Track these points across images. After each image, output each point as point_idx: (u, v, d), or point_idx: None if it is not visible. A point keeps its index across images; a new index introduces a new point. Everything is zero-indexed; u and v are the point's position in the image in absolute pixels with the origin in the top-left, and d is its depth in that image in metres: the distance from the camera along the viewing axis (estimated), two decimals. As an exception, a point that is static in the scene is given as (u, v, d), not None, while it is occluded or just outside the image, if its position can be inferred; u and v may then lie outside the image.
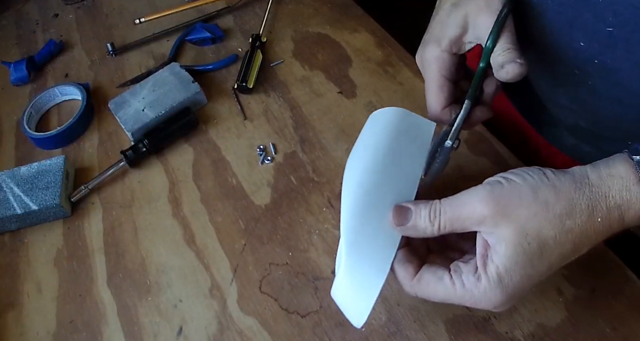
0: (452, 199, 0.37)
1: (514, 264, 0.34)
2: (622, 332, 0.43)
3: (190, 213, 0.59)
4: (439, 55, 0.45)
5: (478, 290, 0.35)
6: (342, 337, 0.47)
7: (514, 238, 0.34)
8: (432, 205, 0.37)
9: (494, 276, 0.34)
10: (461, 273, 0.36)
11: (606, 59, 0.41)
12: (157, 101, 0.67)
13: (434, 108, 0.45)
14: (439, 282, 0.36)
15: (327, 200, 0.56)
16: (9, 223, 0.60)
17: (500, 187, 0.35)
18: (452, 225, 0.36)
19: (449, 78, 0.45)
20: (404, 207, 0.38)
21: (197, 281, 0.53)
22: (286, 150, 0.62)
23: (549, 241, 0.34)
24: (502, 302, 0.35)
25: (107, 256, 0.57)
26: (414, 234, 0.38)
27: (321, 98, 0.66)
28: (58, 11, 0.93)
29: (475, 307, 0.36)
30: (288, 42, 0.75)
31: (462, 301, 0.36)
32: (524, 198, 0.34)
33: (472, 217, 0.35)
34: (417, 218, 0.37)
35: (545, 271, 0.34)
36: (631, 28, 0.38)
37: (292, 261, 0.52)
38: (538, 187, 0.34)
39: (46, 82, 0.80)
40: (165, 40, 0.81)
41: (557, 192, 0.34)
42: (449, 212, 0.36)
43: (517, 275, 0.34)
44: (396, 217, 0.38)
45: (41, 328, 0.53)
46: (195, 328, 0.50)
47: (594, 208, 0.33)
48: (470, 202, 0.35)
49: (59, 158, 0.63)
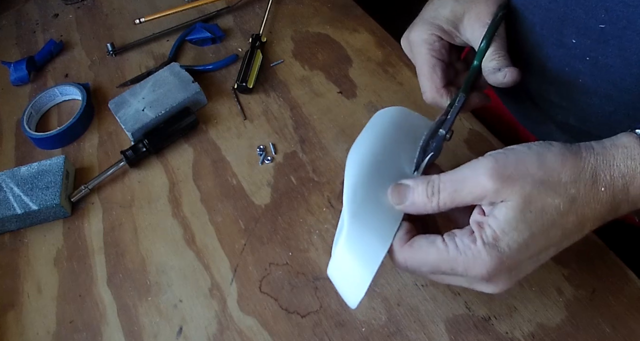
0: (452, 173, 0.35)
1: (513, 230, 0.32)
2: (622, 332, 0.43)
3: (190, 213, 0.59)
4: (428, 37, 0.44)
5: (472, 251, 0.33)
6: (342, 337, 0.47)
7: (517, 205, 0.32)
8: (430, 181, 0.35)
9: (489, 239, 0.33)
10: (454, 236, 0.34)
11: (598, 55, 0.41)
12: (157, 101, 0.67)
13: (429, 90, 0.44)
14: (430, 245, 0.35)
15: (327, 200, 0.56)
16: (9, 223, 0.60)
17: (504, 157, 0.34)
18: (452, 201, 0.35)
19: (440, 59, 0.44)
20: (401, 185, 0.37)
21: (197, 281, 0.53)
22: (286, 150, 0.62)
23: (552, 211, 0.32)
24: (496, 269, 0.33)
25: (107, 257, 0.57)
26: (414, 211, 0.37)
27: (321, 98, 0.66)
28: (58, 11, 0.93)
29: (468, 273, 0.34)
30: (288, 42, 0.75)
31: (453, 265, 0.34)
32: (530, 166, 0.33)
33: (474, 192, 0.34)
34: (415, 195, 0.36)
35: (544, 246, 0.33)
36: (623, 25, 0.38)
37: (292, 262, 0.52)
38: (544, 154, 0.33)
39: (46, 82, 0.80)
40: (165, 40, 0.81)
41: (563, 159, 0.33)
42: (449, 187, 0.35)
43: (515, 242, 0.33)
44: (394, 195, 0.37)
45: (41, 328, 0.53)
46: (195, 328, 0.50)
47: (597, 176, 0.33)
48: (472, 175, 0.34)
49: (59, 158, 0.63)
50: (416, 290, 0.48)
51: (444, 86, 0.44)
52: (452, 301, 0.47)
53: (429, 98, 0.44)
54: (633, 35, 0.38)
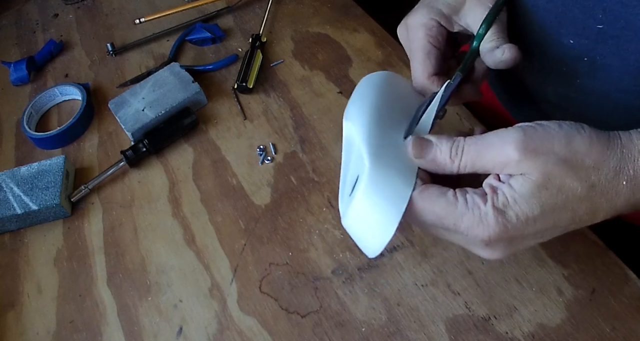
0: (477, 138, 0.34)
1: (524, 202, 0.32)
2: (622, 332, 0.43)
3: (190, 213, 0.59)
4: (427, 21, 0.43)
5: (479, 211, 0.32)
6: (342, 337, 0.47)
7: (536, 181, 0.32)
8: (455, 141, 0.35)
9: (499, 205, 0.32)
10: (466, 193, 0.34)
11: (595, 55, 0.41)
12: (157, 101, 0.67)
13: (420, 76, 0.43)
14: (440, 196, 0.34)
15: (327, 200, 0.56)
16: (9, 223, 0.60)
17: (533, 131, 0.33)
18: (473, 165, 0.34)
19: (436, 46, 0.43)
20: (424, 139, 0.36)
21: (197, 281, 0.53)
22: (286, 150, 0.62)
23: (569, 193, 0.32)
24: (498, 235, 0.32)
25: (107, 257, 0.57)
26: (432, 168, 0.36)
27: (321, 98, 0.66)
28: (58, 11, 0.93)
29: (469, 233, 0.33)
30: (288, 42, 0.75)
31: (458, 220, 0.33)
32: (556, 144, 0.32)
33: (496, 159, 0.33)
34: (437, 152, 0.35)
35: (551, 225, 0.33)
36: (621, 25, 0.38)
37: (292, 261, 0.52)
38: (573, 135, 0.33)
39: (46, 82, 0.80)
40: (165, 40, 0.81)
41: (591, 144, 0.32)
42: (473, 151, 0.34)
43: (524, 214, 0.32)
44: (416, 147, 0.36)
45: (41, 328, 0.53)
46: (195, 328, 0.50)
47: (621, 169, 0.32)
48: (498, 143, 0.33)
49: (59, 158, 0.63)
50: (416, 290, 0.48)
51: (435, 74, 0.43)
52: (452, 301, 0.47)
53: (419, 84, 0.44)
54: (631, 35, 0.38)
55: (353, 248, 0.52)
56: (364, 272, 0.50)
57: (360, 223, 0.37)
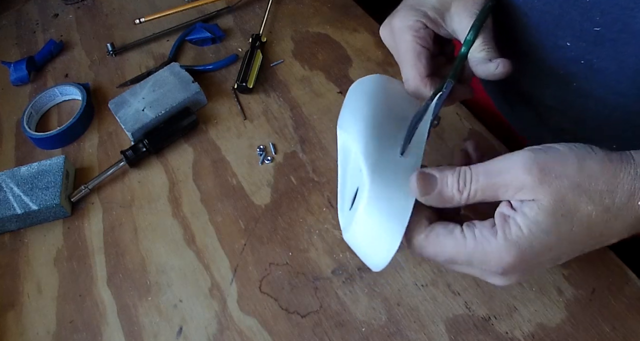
0: (485, 166, 0.33)
1: (540, 231, 0.31)
2: (622, 332, 0.43)
3: (190, 213, 0.59)
4: (413, 24, 0.43)
5: (490, 245, 0.32)
6: (342, 337, 0.47)
7: (550, 207, 0.31)
8: (461, 172, 0.34)
9: (513, 237, 0.31)
10: (474, 228, 0.33)
11: (593, 58, 0.41)
12: (157, 101, 0.67)
13: (412, 79, 0.42)
14: (448, 235, 0.33)
15: (327, 200, 0.56)
16: (9, 223, 0.60)
17: (543, 154, 0.32)
18: (483, 194, 0.33)
19: (425, 47, 0.43)
20: (428, 174, 0.34)
21: (197, 281, 0.53)
22: (286, 150, 0.62)
23: (584, 218, 0.31)
24: (513, 266, 0.32)
25: (107, 257, 0.57)
26: (439, 204, 0.35)
27: (321, 98, 0.66)
28: (58, 11, 0.93)
29: (483, 268, 0.33)
30: (288, 42, 0.75)
31: (470, 257, 0.32)
32: (569, 167, 0.31)
33: (509, 185, 0.32)
34: (443, 186, 0.34)
35: (568, 251, 0.32)
36: (618, 28, 0.38)
37: (292, 262, 0.52)
38: (584, 157, 0.32)
39: (46, 82, 0.80)
40: (165, 40, 0.81)
41: (602, 166, 0.31)
42: (482, 179, 0.33)
43: (539, 243, 0.31)
44: (420, 185, 0.34)
45: (41, 328, 0.53)
46: (195, 328, 0.50)
47: (635, 190, 0.31)
48: (509, 168, 0.32)
49: (59, 158, 0.63)
50: (416, 290, 0.48)
51: (428, 75, 0.42)
52: (452, 301, 0.47)
53: (412, 87, 0.43)
54: (628, 38, 0.38)
55: (353, 248, 0.52)
56: (364, 272, 0.50)
57: (363, 239, 0.36)
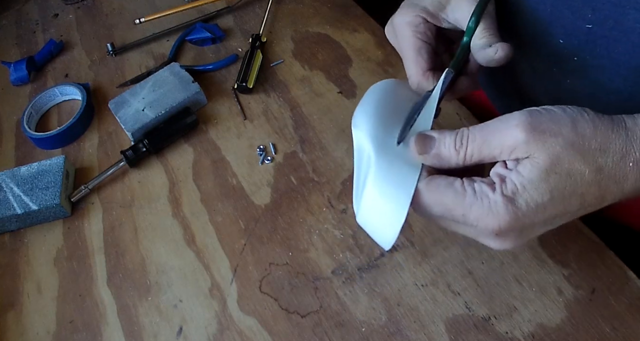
0: (482, 126, 0.34)
1: (534, 188, 0.32)
2: (622, 332, 0.43)
3: (190, 213, 0.59)
4: (412, 19, 0.43)
5: (488, 200, 0.32)
6: (342, 337, 0.47)
7: (544, 165, 0.32)
8: (458, 132, 0.34)
9: (509, 192, 0.32)
10: (474, 182, 0.33)
11: (586, 55, 0.41)
12: (157, 101, 0.67)
13: (415, 74, 0.43)
14: (448, 186, 0.34)
15: (327, 200, 0.56)
16: (9, 223, 0.60)
17: (538, 114, 0.33)
18: (480, 153, 0.34)
19: (426, 41, 0.43)
20: (426, 135, 0.36)
21: (197, 281, 0.53)
22: (286, 150, 0.62)
23: (577, 177, 0.32)
24: (509, 224, 0.32)
25: (107, 257, 0.57)
26: (437, 164, 0.36)
27: (321, 98, 0.66)
28: (58, 11, 0.93)
29: (479, 224, 0.33)
30: (288, 42, 0.75)
31: (467, 211, 0.33)
32: (563, 127, 0.32)
33: (504, 144, 0.33)
34: (441, 146, 0.35)
35: (561, 212, 0.32)
36: (610, 25, 0.38)
37: (292, 261, 0.52)
38: (577, 119, 0.32)
39: (46, 82, 0.80)
40: (165, 40, 0.81)
41: (595, 127, 0.32)
42: (478, 138, 0.34)
43: (533, 201, 0.32)
44: (419, 144, 0.35)
45: (41, 328, 0.53)
46: (195, 328, 0.50)
47: (627, 151, 0.32)
48: (504, 127, 0.33)
49: (59, 158, 0.63)
50: (416, 290, 0.48)
51: (430, 69, 0.43)
52: (452, 301, 0.47)
53: (415, 82, 0.43)
54: (620, 35, 0.38)
55: (353, 248, 0.52)
56: (364, 272, 0.50)
57: (371, 213, 0.37)
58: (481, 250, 0.49)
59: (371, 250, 0.51)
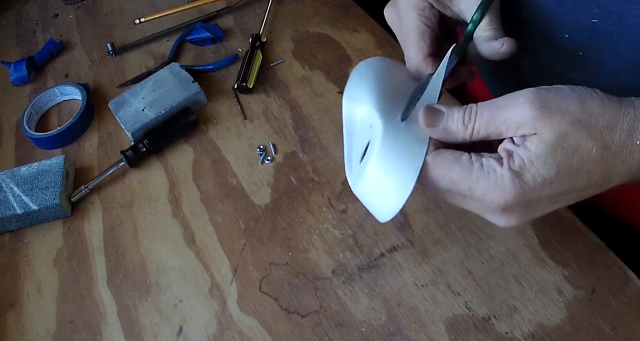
0: (490, 102, 0.34)
1: (541, 163, 0.32)
2: (622, 332, 0.43)
3: (190, 213, 0.59)
4: (419, 2, 0.42)
5: (495, 174, 0.32)
6: (342, 337, 0.47)
7: (551, 140, 0.32)
8: (467, 107, 0.34)
9: (516, 167, 0.32)
10: (482, 156, 0.34)
11: (590, 50, 0.41)
12: (157, 101, 0.67)
13: (415, 57, 0.42)
14: (455, 160, 0.34)
15: (327, 200, 0.56)
16: (9, 223, 0.60)
17: (546, 91, 0.33)
18: (487, 128, 0.34)
19: (430, 26, 0.43)
20: (435, 108, 0.36)
21: (197, 281, 0.53)
22: (286, 150, 0.62)
23: (584, 153, 0.32)
24: (515, 199, 0.32)
25: (107, 257, 0.57)
26: (444, 137, 0.35)
27: (321, 98, 0.66)
28: (58, 11, 0.93)
29: (485, 198, 0.33)
30: (288, 42, 0.75)
31: (474, 185, 0.33)
32: (570, 104, 0.32)
33: (511, 119, 0.33)
34: (449, 120, 0.35)
35: (567, 189, 0.32)
36: (614, 20, 0.38)
37: (292, 261, 0.52)
38: (585, 97, 0.32)
39: (46, 82, 0.80)
40: (165, 40, 0.81)
41: (603, 105, 0.32)
42: (486, 114, 0.34)
43: (540, 176, 0.32)
44: (426, 117, 0.35)
45: (41, 328, 0.53)
46: (195, 328, 0.50)
47: (635, 129, 0.32)
48: (511, 103, 0.33)
49: (59, 158, 0.63)
50: (416, 290, 0.48)
51: (431, 55, 0.42)
52: (452, 301, 0.47)
53: (414, 66, 0.43)
54: (624, 30, 0.38)
55: (353, 248, 0.52)
56: (364, 272, 0.50)
57: (374, 185, 0.37)
58: (481, 250, 0.49)
59: (371, 250, 0.51)
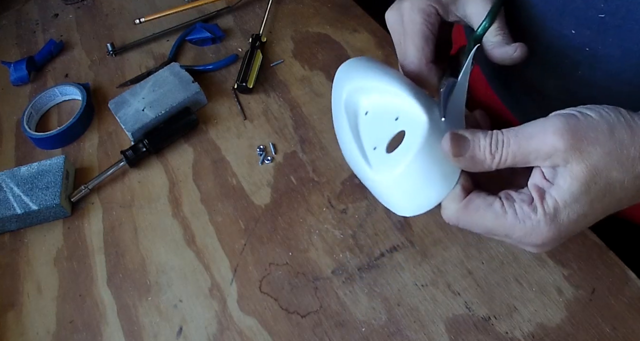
0: (517, 129, 0.33)
1: (575, 202, 0.31)
2: (622, 332, 0.43)
3: (190, 213, 0.59)
4: (426, 7, 0.42)
5: (531, 221, 0.32)
6: (342, 337, 0.47)
7: (583, 176, 0.31)
8: (493, 135, 0.33)
9: (551, 210, 0.32)
10: (514, 202, 0.33)
11: (597, 46, 0.41)
12: (157, 101, 0.67)
13: (418, 62, 0.42)
14: (488, 208, 0.33)
15: (327, 200, 0.56)
16: (9, 223, 0.60)
17: (575, 120, 0.32)
18: (514, 158, 0.33)
19: (433, 33, 0.42)
20: (460, 135, 0.34)
21: (197, 281, 0.53)
22: (286, 150, 0.62)
23: (616, 185, 0.31)
24: (552, 239, 0.32)
25: (107, 257, 0.57)
26: (470, 167, 0.34)
27: (321, 98, 0.66)
28: (58, 11, 0.93)
29: (521, 241, 0.33)
30: (288, 42, 0.75)
31: (510, 232, 0.33)
32: (600, 135, 0.31)
33: (541, 150, 0.32)
34: (475, 149, 0.34)
35: (600, 215, 0.32)
36: (622, 14, 0.38)
37: (292, 261, 0.52)
38: (614, 125, 0.32)
39: (46, 82, 0.80)
40: (165, 40, 0.81)
41: (633, 133, 0.31)
42: (513, 144, 0.33)
43: (575, 213, 0.32)
44: (453, 145, 0.34)
45: (41, 328, 0.53)
46: (195, 328, 0.50)
47: None
48: (540, 133, 0.32)
49: (59, 158, 0.63)
50: (416, 290, 0.48)
51: (432, 61, 0.42)
52: (452, 301, 0.47)
53: (415, 69, 0.42)
54: (632, 24, 0.38)
55: (353, 248, 0.52)
56: (364, 272, 0.50)
57: (414, 178, 0.35)
58: (481, 250, 0.49)
59: (371, 250, 0.51)
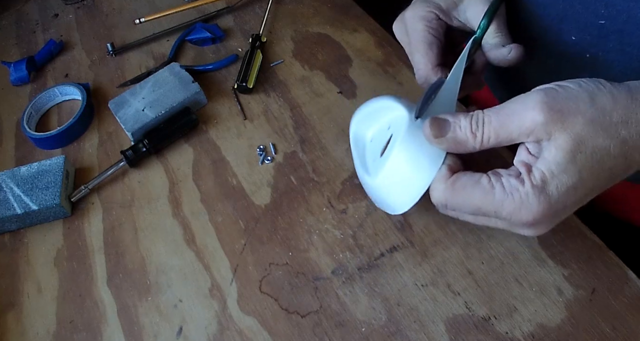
0: (497, 108, 0.33)
1: (562, 172, 0.31)
2: (622, 332, 0.43)
3: (190, 213, 0.59)
4: (426, 14, 0.43)
5: (519, 194, 0.31)
6: (342, 337, 0.47)
7: (568, 146, 0.31)
8: (474, 114, 0.33)
9: (538, 182, 0.31)
10: (501, 177, 0.33)
11: (598, 51, 0.41)
12: (157, 101, 0.67)
13: (423, 68, 0.42)
14: (475, 185, 0.33)
15: (327, 200, 0.56)
16: (9, 223, 0.60)
17: (554, 92, 0.32)
18: (497, 136, 0.33)
19: (437, 37, 0.43)
20: (439, 118, 0.35)
21: (197, 281, 0.53)
22: (286, 150, 0.62)
23: (603, 153, 0.31)
24: (544, 215, 0.32)
25: (107, 257, 0.57)
26: (452, 148, 0.35)
27: (321, 98, 0.66)
28: (58, 11, 0.93)
29: (512, 221, 0.32)
30: (288, 42, 0.75)
31: (499, 208, 0.32)
32: (581, 104, 0.31)
33: (522, 125, 0.32)
34: (457, 129, 0.34)
35: (592, 187, 0.32)
36: (623, 19, 0.38)
37: (292, 261, 0.52)
38: (595, 93, 0.32)
39: (46, 82, 0.80)
40: (165, 40, 0.81)
41: (614, 99, 0.31)
42: (494, 121, 0.33)
43: (564, 185, 0.31)
44: (434, 127, 0.34)
45: (41, 328, 0.53)
46: (195, 328, 0.50)
47: None
48: (520, 109, 0.32)
49: (59, 158, 0.63)
50: (416, 290, 0.48)
51: (439, 65, 0.43)
52: (452, 301, 0.47)
53: (423, 77, 0.43)
54: (633, 29, 0.38)
55: (353, 248, 0.52)
56: (364, 272, 0.50)
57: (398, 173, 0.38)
58: (481, 250, 0.49)
59: (371, 250, 0.51)
